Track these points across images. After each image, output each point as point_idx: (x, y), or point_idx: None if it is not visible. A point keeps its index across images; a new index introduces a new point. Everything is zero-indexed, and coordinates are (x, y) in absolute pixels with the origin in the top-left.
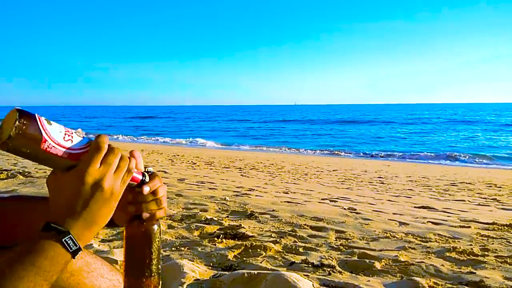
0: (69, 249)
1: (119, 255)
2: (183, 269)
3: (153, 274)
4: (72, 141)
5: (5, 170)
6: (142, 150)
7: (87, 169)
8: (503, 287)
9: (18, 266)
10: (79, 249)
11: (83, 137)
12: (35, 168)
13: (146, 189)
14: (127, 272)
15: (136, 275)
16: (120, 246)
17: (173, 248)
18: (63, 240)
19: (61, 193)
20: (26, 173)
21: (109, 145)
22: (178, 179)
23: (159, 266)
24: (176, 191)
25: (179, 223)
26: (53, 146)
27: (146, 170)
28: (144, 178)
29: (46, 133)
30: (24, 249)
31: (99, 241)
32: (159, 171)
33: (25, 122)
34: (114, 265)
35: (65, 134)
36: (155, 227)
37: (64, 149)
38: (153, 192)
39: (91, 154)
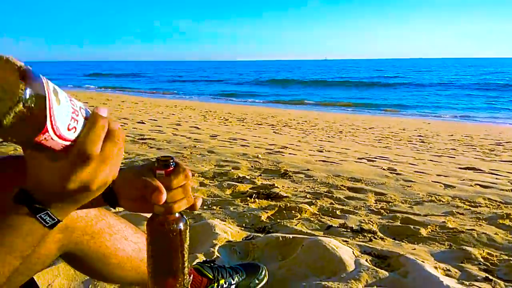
0: (45, 224)
1: None
2: (214, 230)
3: (178, 274)
4: (75, 129)
5: None
6: (176, 106)
7: (71, 171)
8: None
9: None
10: (58, 222)
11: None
12: None
13: (163, 198)
14: (150, 271)
15: (159, 274)
16: None
17: (204, 207)
18: (37, 216)
19: (41, 169)
20: None
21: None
22: (210, 135)
23: (186, 265)
24: (208, 147)
25: (211, 181)
26: (51, 139)
27: (170, 162)
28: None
29: (51, 119)
30: None
31: None
32: (191, 126)
33: (31, 103)
34: (139, 228)
35: (71, 119)
36: (181, 224)
37: (62, 142)
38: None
39: (75, 159)
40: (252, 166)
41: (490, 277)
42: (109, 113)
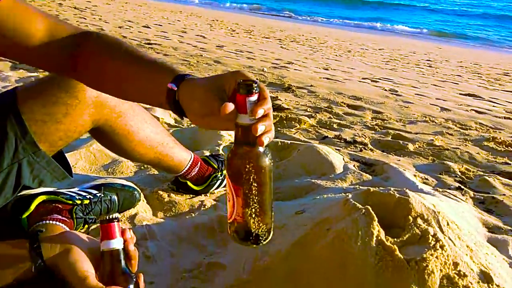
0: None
1: None
2: (219, 132)
3: (270, 211)
4: None
5: None
6: (181, 12)
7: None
8: None
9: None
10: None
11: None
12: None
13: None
14: (243, 211)
15: (252, 212)
16: None
17: None
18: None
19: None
20: None
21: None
22: (216, 46)
23: (272, 206)
24: (214, 57)
25: None
26: None
27: (255, 86)
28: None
29: None
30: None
31: None
32: (197, 35)
33: None
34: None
35: None
36: (270, 156)
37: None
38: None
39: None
40: (257, 79)
41: (463, 187)
42: (113, 14)
